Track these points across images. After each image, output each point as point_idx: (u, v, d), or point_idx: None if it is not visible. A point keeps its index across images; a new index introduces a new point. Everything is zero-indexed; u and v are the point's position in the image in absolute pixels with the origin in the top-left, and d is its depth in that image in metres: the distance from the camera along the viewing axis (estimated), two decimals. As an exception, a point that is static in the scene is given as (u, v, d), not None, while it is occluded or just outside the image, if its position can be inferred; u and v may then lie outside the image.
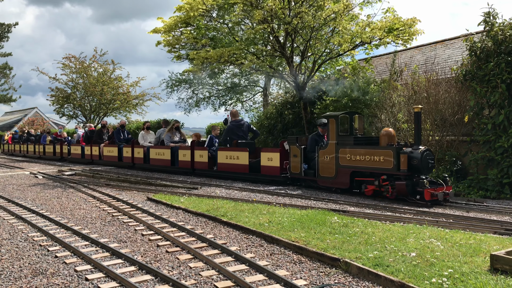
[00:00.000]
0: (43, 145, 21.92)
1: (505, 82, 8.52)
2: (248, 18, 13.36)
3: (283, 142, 9.66)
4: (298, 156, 9.02)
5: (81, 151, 17.73)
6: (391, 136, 7.67)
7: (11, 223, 6.02)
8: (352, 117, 8.65)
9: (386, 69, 15.16)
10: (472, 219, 5.58)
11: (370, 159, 7.54)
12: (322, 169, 8.42)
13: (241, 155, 10.57)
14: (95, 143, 16.61)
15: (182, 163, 12.39)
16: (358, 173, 7.85)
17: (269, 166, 9.87)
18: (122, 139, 15.60)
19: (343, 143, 8.12)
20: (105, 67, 27.40)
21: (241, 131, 11.41)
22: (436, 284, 3.16)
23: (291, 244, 4.43)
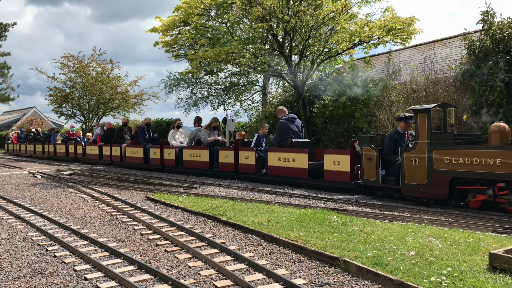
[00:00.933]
0: (54, 144, 20.44)
1: (503, 81, 8.53)
2: (247, 17, 13.34)
3: (354, 142, 8.12)
4: (373, 160, 7.38)
5: (99, 151, 16.28)
6: (506, 132, 6.16)
7: (10, 222, 6.01)
8: (445, 111, 7.16)
9: (384, 68, 15.17)
10: (471, 218, 5.59)
11: (479, 162, 5.98)
12: (409, 175, 6.79)
13: (299, 158, 9.02)
14: (116, 143, 15.15)
15: (224, 165, 10.93)
16: (461, 180, 6.32)
17: (336, 171, 8.25)
18: (148, 138, 14.13)
19: (439, 142, 6.54)
20: (103, 67, 27.37)
21: (295, 126, 9.87)
22: (435, 283, 3.17)
23: (290, 243, 4.43)
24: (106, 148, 15.73)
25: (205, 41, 14.47)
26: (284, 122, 9.71)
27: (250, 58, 12.79)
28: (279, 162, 9.45)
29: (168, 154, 12.83)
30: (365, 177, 7.55)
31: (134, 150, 14.28)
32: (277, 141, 9.83)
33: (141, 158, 13.87)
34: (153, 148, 13.39)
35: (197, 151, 11.87)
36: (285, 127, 9.68)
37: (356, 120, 11.75)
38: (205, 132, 11.79)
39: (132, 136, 15.02)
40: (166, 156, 12.88)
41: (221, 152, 11.04)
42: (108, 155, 15.63)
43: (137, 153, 14.06)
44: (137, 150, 14.09)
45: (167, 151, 12.88)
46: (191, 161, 11.97)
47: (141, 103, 28.14)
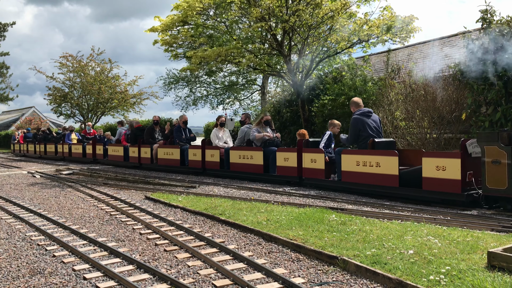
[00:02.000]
0: (68, 144, 18.90)
1: (502, 79, 8.54)
2: (246, 16, 13.34)
3: (466, 142, 6.57)
4: (502, 162, 5.80)
5: (124, 152, 14.80)
6: None
7: (9, 222, 6.01)
8: None
9: (383, 67, 15.18)
10: (470, 217, 5.59)
11: None
12: None
13: (385, 161, 7.31)
14: (146, 143, 13.69)
15: (283, 169, 9.36)
16: None
17: (440, 179, 6.56)
18: (185, 138, 12.81)
19: None
20: (102, 66, 27.36)
21: (372, 122, 8.04)
22: (433, 281, 3.17)
23: (289, 242, 4.43)
24: (134, 149, 14.22)
25: (204, 40, 14.47)
26: (359, 117, 7.97)
27: (250, 58, 12.78)
28: (359, 167, 7.72)
29: (211, 155, 11.34)
30: (488, 185, 6.00)
31: (168, 152, 12.80)
32: (352, 141, 8.16)
33: (177, 161, 12.42)
34: (193, 149, 11.99)
35: (248, 152, 10.21)
36: (361, 124, 7.93)
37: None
38: (255, 130, 10.19)
39: (166, 135, 13.55)
40: (209, 158, 11.39)
41: (280, 154, 9.42)
42: (135, 157, 14.14)
43: (172, 154, 12.58)
44: (172, 151, 12.62)
45: (210, 152, 11.35)
46: (240, 164, 10.42)
47: (140, 103, 28.15)
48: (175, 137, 12.80)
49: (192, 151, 11.98)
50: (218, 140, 11.60)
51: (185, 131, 12.93)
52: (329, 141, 8.83)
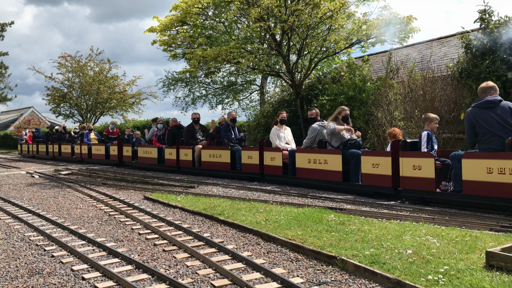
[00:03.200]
0: (88, 145, 17.21)
1: (501, 79, 8.56)
2: (245, 16, 13.35)
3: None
4: None
5: (158, 154, 13.23)
6: None
7: (7, 223, 6.00)
8: None
9: (382, 67, 15.19)
10: (468, 216, 5.60)
11: None
12: None
13: None
14: (187, 144, 12.17)
15: (371, 178, 7.46)
16: None
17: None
18: (235, 138, 11.21)
19: None
20: (101, 66, 27.36)
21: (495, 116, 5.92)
22: (432, 281, 3.17)
23: (288, 242, 4.44)
24: (171, 150, 12.63)
25: (203, 41, 14.47)
26: (476, 111, 6.06)
27: (249, 58, 12.79)
28: (490, 176, 5.79)
29: (271, 159, 9.53)
30: None
31: (215, 154, 11.06)
32: (468, 141, 6.28)
33: (226, 164, 10.79)
34: (248, 151, 10.26)
35: (321, 155, 8.36)
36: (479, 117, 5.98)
37: (354, 119, 11.76)
38: (332, 127, 8.26)
39: (211, 135, 12.10)
40: (268, 162, 9.63)
41: (366, 159, 7.54)
42: (173, 159, 12.53)
43: (220, 157, 10.90)
44: (220, 153, 10.93)
45: (270, 154, 9.57)
46: (310, 169, 8.59)
47: (139, 103, 28.16)
48: (223, 137, 11.16)
49: (247, 153, 10.21)
50: (279, 140, 9.73)
51: (234, 130, 11.33)
52: (430, 142, 6.91)
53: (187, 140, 12.19)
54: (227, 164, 10.79)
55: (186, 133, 12.36)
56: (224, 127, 11.37)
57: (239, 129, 11.72)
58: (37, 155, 21.62)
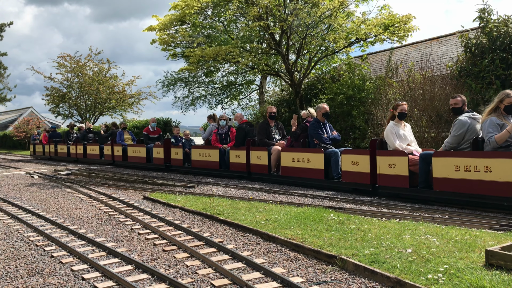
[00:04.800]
0: (122, 146, 14.80)
1: (500, 78, 8.56)
2: (244, 16, 13.34)
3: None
4: None
5: (220, 157, 10.97)
6: None
7: (7, 223, 6.00)
8: None
9: (381, 66, 15.19)
10: (468, 215, 5.60)
11: None
12: None
13: None
14: (261, 145, 9.93)
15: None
16: None
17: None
18: (327, 138, 8.73)
19: None
20: (100, 66, 27.35)
21: None
22: (431, 280, 3.18)
23: (288, 241, 4.44)
24: (238, 152, 10.40)
25: (202, 40, 14.47)
26: None
27: (248, 57, 12.79)
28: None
29: (389, 165, 7.09)
30: None
31: (301, 157, 8.78)
32: None
33: (318, 171, 8.42)
34: (351, 155, 7.85)
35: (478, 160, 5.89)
36: None
37: (354, 119, 11.77)
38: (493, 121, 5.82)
39: (294, 134, 9.50)
40: (385, 170, 7.15)
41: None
42: (241, 163, 10.30)
43: (309, 161, 8.59)
44: (309, 157, 8.60)
45: (387, 160, 7.12)
46: (457, 181, 6.13)
47: (138, 103, 28.15)
48: (313, 137, 8.77)
49: (350, 157, 7.78)
50: (398, 139, 7.17)
51: (326, 127, 8.90)
52: None
53: (261, 140, 9.89)
54: (319, 172, 8.42)
55: (260, 131, 10.01)
56: (313, 124, 8.78)
57: (331, 126, 9.13)
58: (55, 156, 19.58)
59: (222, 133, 11.45)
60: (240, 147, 10.35)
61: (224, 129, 11.47)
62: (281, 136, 10.14)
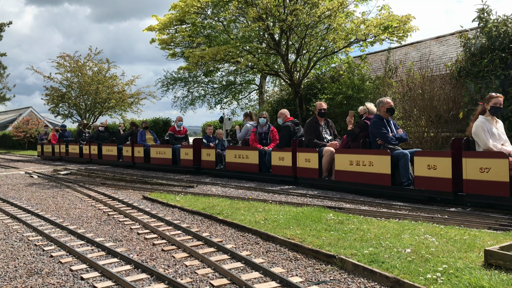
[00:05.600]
0: (144, 147, 13.68)
1: (499, 78, 8.56)
2: (243, 16, 13.34)
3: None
4: None
5: (259, 159, 9.80)
6: None
7: (6, 223, 6.00)
8: None
9: (381, 66, 15.20)
10: (467, 215, 5.61)
11: None
12: None
13: None
14: (310, 146, 8.72)
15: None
16: None
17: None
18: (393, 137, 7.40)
19: None
20: (100, 66, 27.33)
21: None
22: (430, 280, 3.18)
23: (287, 241, 4.44)
24: (283, 154, 9.14)
25: (202, 40, 14.47)
26: None
27: (247, 57, 12.78)
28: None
29: (480, 170, 5.96)
30: None
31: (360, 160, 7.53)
32: None
33: (382, 177, 7.17)
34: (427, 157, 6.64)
35: None
36: None
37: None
38: None
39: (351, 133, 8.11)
40: (474, 175, 6.04)
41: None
42: (286, 166, 9.09)
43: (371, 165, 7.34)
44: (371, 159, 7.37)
45: (476, 162, 6.01)
46: None
47: (137, 103, 28.14)
48: (376, 136, 7.47)
49: (425, 160, 6.60)
50: (491, 138, 6.05)
51: (390, 125, 7.60)
52: None
53: (310, 141, 8.74)
54: (384, 177, 7.17)
55: (308, 130, 8.83)
56: (375, 122, 7.50)
57: (396, 124, 7.88)
58: (66, 157, 18.52)
59: (261, 132, 10.31)
60: (284, 148, 9.19)
61: (264, 128, 10.34)
62: (332, 135, 8.98)
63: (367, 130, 7.76)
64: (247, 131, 10.95)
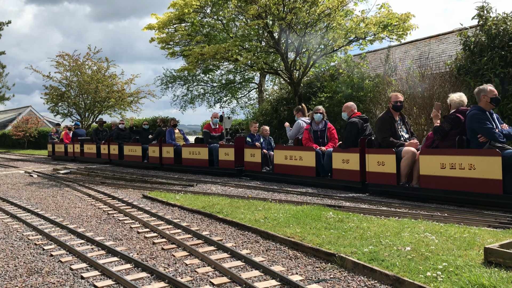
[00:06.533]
0: (174, 146, 12.45)
1: (499, 76, 8.56)
2: (242, 14, 13.32)
3: None
4: None
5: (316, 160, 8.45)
6: None
7: (6, 222, 6.00)
8: None
9: (380, 64, 15.20)
10: (467, 213, 5.61)
11: None
12: None
13: None
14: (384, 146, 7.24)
15: None
16: None
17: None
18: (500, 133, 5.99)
19: None
20: (99, 65, 27.30)
21: None
22: (430, 278, 3.18)
23: (287, 239, 4.44)
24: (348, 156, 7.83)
25: (201, 38, 14.45)
26: None
27: (247, 56, 12.77)
28: None
29: None
30: None
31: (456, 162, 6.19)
32: None
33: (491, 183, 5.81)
34: None
35: None
36: None
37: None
38: None
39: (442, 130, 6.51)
40: None
41: None
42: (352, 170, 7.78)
43: (473, 168, 6.00)
44: (472, 161, 6.01)
45: None
46: None
47: (137, 101, 28.12)
48: (478, 132, 6.06)
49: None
50: None
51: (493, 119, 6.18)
52: None
53: (384, 139, 7.24)
54: (493, 184, 5.79)
55: (382, 126, 7.33)
56: (476, 115, 6.07)
57: (499, 117, 6.45)
58: (81, 157, 17.24)
59: (317, 130, 8.95)
60: (350, 148, 7.80)
61: (320, 125, 8.98)
62: (409, 133, 7.56)
63: (460, 126, 6.37)
64: (299, 129, 9.44)
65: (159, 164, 13.05)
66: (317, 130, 8.97)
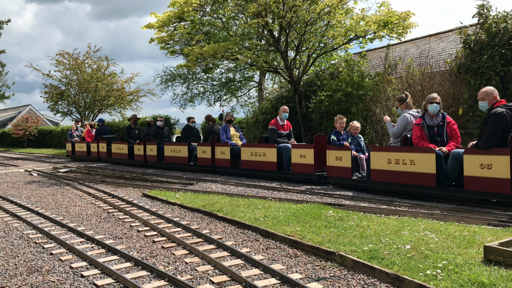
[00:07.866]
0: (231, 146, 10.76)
1: (499, 74, 8.55)
2: (242, 13, 13.30)
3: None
4: None
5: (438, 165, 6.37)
6: None
7: (6, 221, 6.00)
8: None
9: (380, 62, 15.19)
10: (467, 211, 5.61)
11: None
12: None
13: None
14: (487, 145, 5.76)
15: None
16: None
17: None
18: None
19: None
20: (99, 64, 27.26)
21: None
22: (430, 276, 3.18)
23: (287, 238, 4.44)
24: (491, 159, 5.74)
25: (201, 37, 14.43)
26: None
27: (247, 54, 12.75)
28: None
29: None
30: None
31: None
32: None
33: None
34: None
35: None
36: None
37: (353, 115, 11.75)
38: None
39: None
40: None
41: None
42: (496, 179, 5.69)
43: None
44: None
45: None
46: None
47: (137, 100, 28.09)
48: None
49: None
50: None
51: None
52: None
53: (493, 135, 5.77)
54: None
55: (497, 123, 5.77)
56: None
57: None
58: (108, 158, 15.35)
59: (432, 126, 6.81)
60: (493, 149, 5.76)
61: (437, 119, 6.82)
62: None
63: None
64: (406, 124, 7.30)
65: (210, 167, 11.27)
66: (433, 126, 6.78)
